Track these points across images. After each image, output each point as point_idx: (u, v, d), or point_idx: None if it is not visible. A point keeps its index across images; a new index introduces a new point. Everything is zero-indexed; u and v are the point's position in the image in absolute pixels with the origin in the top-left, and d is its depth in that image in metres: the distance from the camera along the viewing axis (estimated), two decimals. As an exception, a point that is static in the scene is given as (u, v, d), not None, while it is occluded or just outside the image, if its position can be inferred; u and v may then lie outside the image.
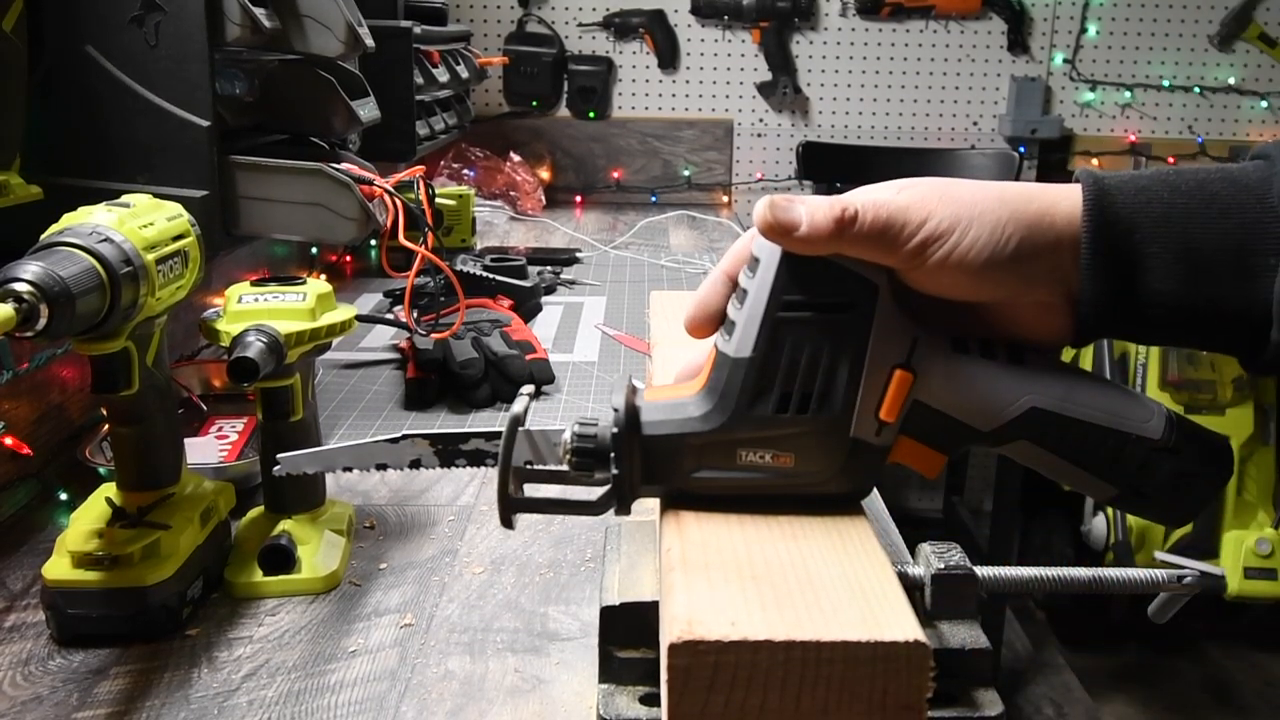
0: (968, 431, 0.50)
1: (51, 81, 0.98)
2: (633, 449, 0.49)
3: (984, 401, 0.49)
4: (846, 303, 0.48)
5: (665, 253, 2.01)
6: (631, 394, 0.50)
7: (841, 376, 0.48)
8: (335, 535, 0.80)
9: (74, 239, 0.61)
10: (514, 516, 0.50)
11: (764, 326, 0.48)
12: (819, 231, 0.47)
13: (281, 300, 0.77)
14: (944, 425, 0.50)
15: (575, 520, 0.88)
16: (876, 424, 0.49)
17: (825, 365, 0.48)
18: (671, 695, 0.40)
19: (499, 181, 2.36)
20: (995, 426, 0.49)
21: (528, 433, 0.52)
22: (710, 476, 0.49)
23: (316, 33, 1.04)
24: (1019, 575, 0.55)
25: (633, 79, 2.74)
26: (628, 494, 0.50)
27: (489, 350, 1.17)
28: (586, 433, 0.49)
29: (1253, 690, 2.49)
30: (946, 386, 0.49)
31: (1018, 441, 0.50)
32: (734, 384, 0.48)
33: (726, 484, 0.49)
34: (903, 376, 0.48)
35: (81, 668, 0.67)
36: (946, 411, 0.49)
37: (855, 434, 0.49)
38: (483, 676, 0.67)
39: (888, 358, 0.48)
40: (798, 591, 0.43)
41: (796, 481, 0.49)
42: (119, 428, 0.73)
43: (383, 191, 1.04)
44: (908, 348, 0.49)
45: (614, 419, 0.48)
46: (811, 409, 0.48)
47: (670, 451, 0.49)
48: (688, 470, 0.49)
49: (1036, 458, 0.50)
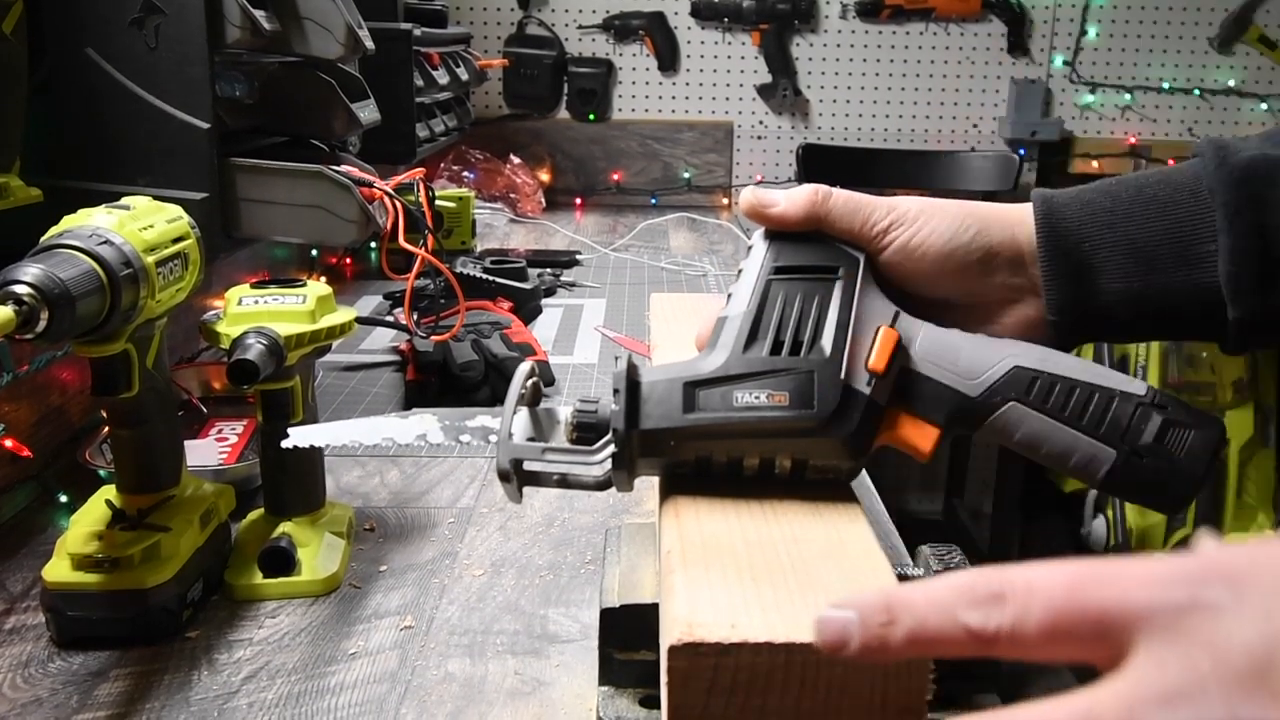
0: (956, 398, 0.51)
1: (51, 84, 0.98)
2: (635, 401, 0.50)
3: (968, 363, 0.51)
4: (832, 267, 0.53)
5: (665, 255, 2.01)
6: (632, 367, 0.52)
7: (831, 325, 0.51)
8: (335, 537, 0.80)
9: (74, 241, 0.61)
10: (520, 491, 0.51)
11: (757, 286, 0.52)
12: (796, 203, 0.53)
13: (281, 302, 0.77)
14: (932, 392, 0.51)
15: (575, 523, 0.88)
16: (868, 375, 0.50)
17: (815, 316, 0.51)
18: (671, 697, 0.40)
19: (499, 184, 2.36)
20: (982, 390, 0.50)
21: (532, 411, 0.53)
22: (706, 419, 0.50)
23: (316, 35, 1.04)
24: (1019, 577, 0.55)
25: (633, 81, 2.75)
26: (628, 458, 0.50)
27: (489, 352, 1.17)
28: (588, 407, 0.52)
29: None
30: (930, 350, 0.51)
31: (1008, 406, 0.50)
32: (730, 334, 0.51)
33: (724, 425, 0.50)
34: (889, 332, 0.51)
35: (81, 670, 0.67)
36: (932, 376, 0.51)
37: (847, 379, 0.50)
38: (483, 679, 0.67)
39: (874, 318, 0.52)
40: (798, 593, 0.43)
41: (792, 421, 0.50)
42: (119, 430, 0.73)
43: (383, 194, 1.04)
44: (891, 315, 0.52)
45: (614, 376, 0.50)
46: (803, 351, 0.50)
47: (668, 399, 0.50)
48: (685, 414, 0.50)
49: (1029, 427, 0.50)
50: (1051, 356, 0.51)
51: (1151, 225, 0.52)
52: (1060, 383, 0.50)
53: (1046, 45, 2.75)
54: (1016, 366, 0.50)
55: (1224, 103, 2.79)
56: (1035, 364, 0.50)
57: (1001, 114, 2.78)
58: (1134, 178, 0.55)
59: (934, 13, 2.70)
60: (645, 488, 0.97)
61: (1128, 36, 2.76)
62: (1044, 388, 0.50)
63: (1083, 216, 0.53)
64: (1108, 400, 0.50)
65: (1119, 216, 0.53)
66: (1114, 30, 2.75)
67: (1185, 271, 0.52)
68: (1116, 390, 0.50)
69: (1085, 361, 0.51)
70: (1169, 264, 0.52)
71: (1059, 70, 2.77)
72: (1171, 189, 0.53)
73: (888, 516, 0.88)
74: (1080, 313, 0.53)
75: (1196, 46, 2.76)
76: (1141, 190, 0.53)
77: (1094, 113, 2.80)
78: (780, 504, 0.51)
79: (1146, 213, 0.53)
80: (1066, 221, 0.53)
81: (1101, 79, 2.78)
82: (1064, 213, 0.54)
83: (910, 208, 0.54)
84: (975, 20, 2.72)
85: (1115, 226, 0.53)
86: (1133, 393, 0.50)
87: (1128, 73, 2.78)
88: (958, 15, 2.70)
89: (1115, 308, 0.53)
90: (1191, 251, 0.52)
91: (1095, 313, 0.53)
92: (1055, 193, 0.55)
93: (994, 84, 2.77)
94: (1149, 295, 0.52)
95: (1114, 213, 0.53)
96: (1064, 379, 0.50)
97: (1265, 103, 2.78)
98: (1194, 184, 0.52)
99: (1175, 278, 0.52)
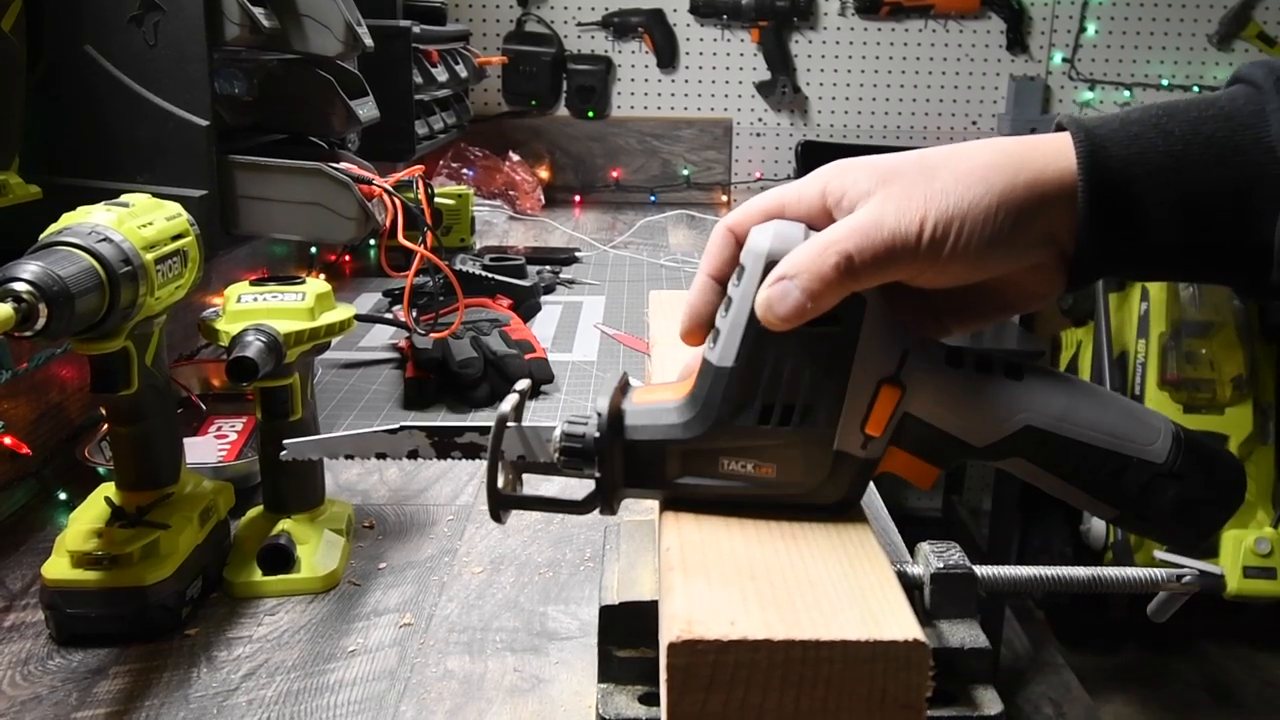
0: (960, 446, 0.49)
1: (51, 81, 0.98)
2: (616, 453, 0.49)
3: (978, 417, 0.48)
4: (830, 317, 0.47)
5: (664, 252, 2.01)
6: (619, 395, 0.50)
7: (826, 390, 0.47)
8: (334, 535, 0.80)
9: (73, 239, 0.61)
10: (504, 512, 0.50)
11: (746, 337, 0.47)
12: (824, 297, 0.46)
13: (280, 300, 0.77)
14: (935, 439, 0.49)
15: (574, 520, 0.88)
16: (863, 437, 0.48)
17: (808, 380, 0.47)
18: (670, 694, 0.40)
19: (498, 181, 2.36)
20: (989, 443, 0.49)
21: (519, 429, 0.52)
22: (694, 483, 0.49)
23: (315, 32, 1.04)
24: (1018, 574, 0.55)
25: (632, 78, 2.74)
26: (611, 496, 0.50)
27: (488, 350, 1.17)
28: (574, 432, 0.49)
29: (1252, 690, 2.49)
30: (939, 401, 0.48)
31: (1013, 458, 0.49)
32: (716, 393, 0.48)
33: (710, 491, 0.49)
34: (890, 391, 0.48)
35: (81, 667, 0.67)
36: (938, 425, 0.49)
37: (840, 447, 0.48)
38: (482, 676, 0.67)
39: (874, 372, 0.48)
40: (797, 591, 0.43)
41: (779, 491, 0.49)
42: (118, 427, 0.73)
43: (382, 191, 1.04)
44: (896, 361, 0.48)
45: (597, 423, 0.49)
46: (794, 422, 0.48)
47: (653, 456, 0.49)
48: (672, 475, 0.49)
49: (1033, 475, 0.50)
50: (1072, 412, 0.48)
51: (1210, 174, 0.47)
52: (1073, 447, 0.48)
53: (1046, 42, 2.75)
54: (1030, 427, 0.48)
55: (1223, 100, 2.78)
56: (1051, 425, 0.48)
57: (1000, 111, 2.78)
58: (1184, 110, 0.49)
59: (933, 9, 2.69)
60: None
61: (1127, 34, 2.76)
62: (1054, 450, 0.48)
63: (1130, 155, 0.48)
64: (1120, 466, 0.48)
65: (1174, 160, 0.47)
66: (1113, 27, 2.75)
67: (1237, 226, 0.47)
68: (1133, 458, 0.48)
69: (1110, 408, 0.48)
70: (1222, 218, 0.47)
71: (1058, 67, 2.77)
72: (1231, 129, 0.47)
73: (887, 514, 0.88)
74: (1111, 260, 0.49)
75: (1195, 43, 2.76)
76: (1197, 129, 0.48)
77: (1093, 109, 2.80)
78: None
79: (1205, 159, 0.47)
80: (1111, 161, 0.47)
81: (1100, 76, 2.78)
82: (1109, 150, 0.48)
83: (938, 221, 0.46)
84: (974, 17, 2.72)
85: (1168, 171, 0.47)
86: (1151, 461, 0.48)
87: (1127, 70, 2.78)
88: (957, 12, 2.70)
89: (1150, 255, 0.49)
90: (1248, 206, 0.47)
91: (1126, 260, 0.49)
92: (1094, 124, 0.49)
93: (993, 81, 2.77)
94: (1191, 247, 0.48)
95: (1169, 155, 0.47)
96: (1077, 444, 0.48)
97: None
98: (1258, 127, 0.47)
99: (1224, 233, 0.47)
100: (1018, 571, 0.55)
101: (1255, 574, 2.11)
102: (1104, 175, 0.47)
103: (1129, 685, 2.48)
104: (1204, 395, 2.29)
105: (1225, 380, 2.29)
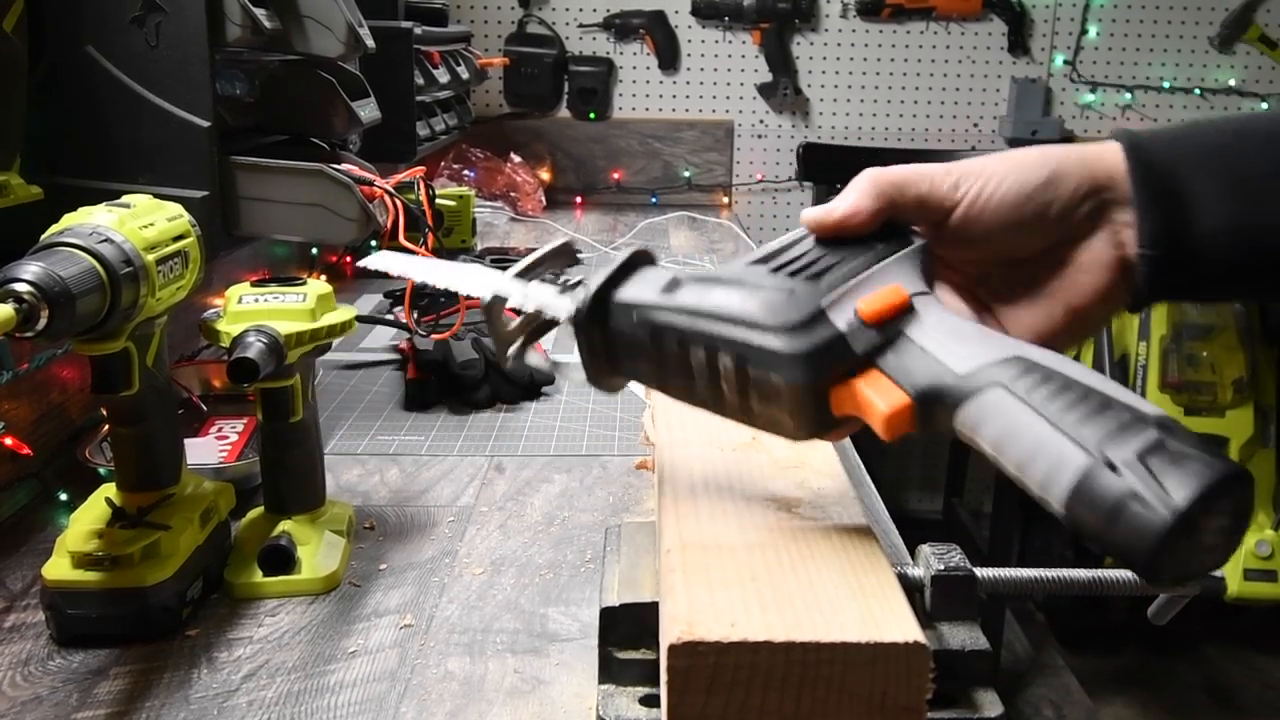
0: (938, 369, 0.45)
1: (52, 82, 0.98)
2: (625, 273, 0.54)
3: (969, 345, 0.46)
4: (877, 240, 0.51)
5: (666, 254, 2.01)
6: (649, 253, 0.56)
7: (842, 268, 0.49)
8: (335, 536, 0.80)
9: (74, 239, 0.61)
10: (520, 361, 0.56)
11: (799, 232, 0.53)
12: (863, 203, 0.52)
13: (282, 301, 0.77)
14: (917, 358, 0.46)
15: (575, 521, 0.88)
16: (855, 317, 0.47)
17: (833, 259, 0.50)
18: (671, 696, 0.40)
19: (499, 182, 2.36)
20: (969, 367, 0.44)
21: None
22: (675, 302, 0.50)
23: (317, 33, 1.04)
24: (1019, 576, 0.55)
25: (633, 80, 2.74)
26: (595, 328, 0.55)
27: (489, 351, 1.17)
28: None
29: (1252, 693, 2.49)
30: (940, 326, 0.47)
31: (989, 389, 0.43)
32: (751, 254, 0.51)
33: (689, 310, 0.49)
34: (897, 291, 0.48)
35: (81, 668, 0.67)
36: (925, 346, 0.46)
37: (825, 306, 0.47)
38: (482, 677, 0.67)
39: (894, 280, 0.49)
40: (797, 593, 0.43)
41: (748, 323, 0.46)
42: (119, 428, 0.73)
43: (383, 192, 1.04)
44: (917, 287, 0.49)
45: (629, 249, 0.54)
46: (799, 277, 0.49)
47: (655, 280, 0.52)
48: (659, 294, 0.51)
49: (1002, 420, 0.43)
50: (1068, 362, 0.44)
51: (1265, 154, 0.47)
52: (1057, 378, 0.42)
53: (1047, 44, 2.75)
54: (1018, 356, 0.44)
55: (1224, 102, 2.79)
56: (1041, 359, 0.44)
57: (1002, 113, 2.78)
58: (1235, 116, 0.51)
59: (934, 12, 2.69)
60: (645, 486, 0.97)
61: (1128, 36, 2.76)
62: (1036, 379, 0.43)
63: (1174, 148, 0.49)
64: (1101, 404, 0.41)
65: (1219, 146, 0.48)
66: (1114, 29, 2.75)
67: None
68: (1119, 400, 0.41)
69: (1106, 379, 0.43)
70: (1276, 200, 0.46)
71: (1059, 69, 2.77)
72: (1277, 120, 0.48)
73: (887, 515, 0.88)
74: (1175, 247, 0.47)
75: (1197, 46, 2.76)
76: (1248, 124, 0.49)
77: (1094, 112, 2.80)
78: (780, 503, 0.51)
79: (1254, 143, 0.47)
80: (1153, 153, 0.49)
81: (1102, 78, 2.78)
82: (1152, 145, 0.49)
83: (975, 162, 0.51)
84: (976, 19, 2.72)
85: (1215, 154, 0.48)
86: (1137, 408, 0.41)
87: (1128, 72, 2.78)
88: (958, 14, 2.70)
89: (1215, 245, 0.47)
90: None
91: (1192, 250, 0.47)
92: (1137, 130, 0.51)
93: (994, 83, 2.77)
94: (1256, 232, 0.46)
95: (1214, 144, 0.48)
96: (1064, 376, 0.42)
97: (1266, 102, 2.77)
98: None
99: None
100: (1018, 573, 0.55)
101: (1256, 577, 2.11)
102: (1147, 161, 0.49)
103: (1129, 687, 2.47)
104: (1205, 398, 2.29)
105: (1226, 383, 2.29)
